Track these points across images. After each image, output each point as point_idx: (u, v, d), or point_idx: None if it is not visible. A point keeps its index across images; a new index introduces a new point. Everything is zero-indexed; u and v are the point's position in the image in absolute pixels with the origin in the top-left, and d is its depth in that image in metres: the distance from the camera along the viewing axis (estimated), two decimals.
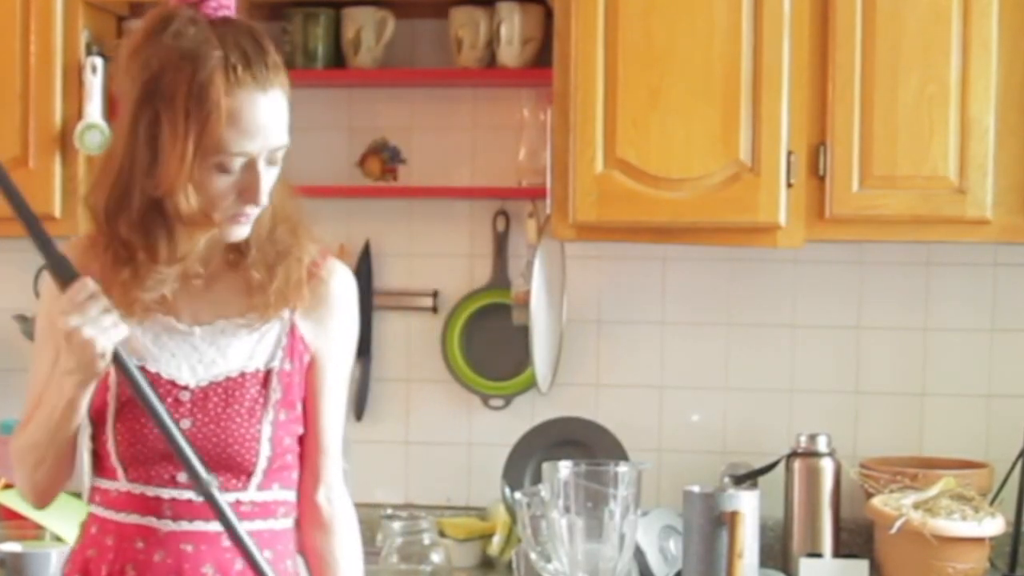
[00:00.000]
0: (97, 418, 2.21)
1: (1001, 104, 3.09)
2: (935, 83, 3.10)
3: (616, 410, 3.55)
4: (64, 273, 2.08)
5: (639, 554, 3.16)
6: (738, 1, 3.11)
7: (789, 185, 3.14)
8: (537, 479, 3.23)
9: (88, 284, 2.06)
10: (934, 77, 3.10)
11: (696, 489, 2.93)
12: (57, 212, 3.37)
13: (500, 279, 3.61)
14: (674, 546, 3.24)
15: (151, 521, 2.19)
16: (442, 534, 3.38)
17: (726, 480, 3.34)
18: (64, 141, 3.37)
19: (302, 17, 3.52)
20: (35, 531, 3.23)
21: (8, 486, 3.35)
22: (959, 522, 3.08)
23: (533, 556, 2.73)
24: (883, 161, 3.12)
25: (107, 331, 2.04)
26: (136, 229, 2.14)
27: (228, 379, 2.21)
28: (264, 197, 2.13)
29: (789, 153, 3.14)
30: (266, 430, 2.21)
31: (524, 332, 3.41)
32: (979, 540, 3.09)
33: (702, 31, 3.12)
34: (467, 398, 3.64)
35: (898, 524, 3.08)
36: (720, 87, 3.12)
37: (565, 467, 2.91)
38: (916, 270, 3.48)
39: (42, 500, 2.26)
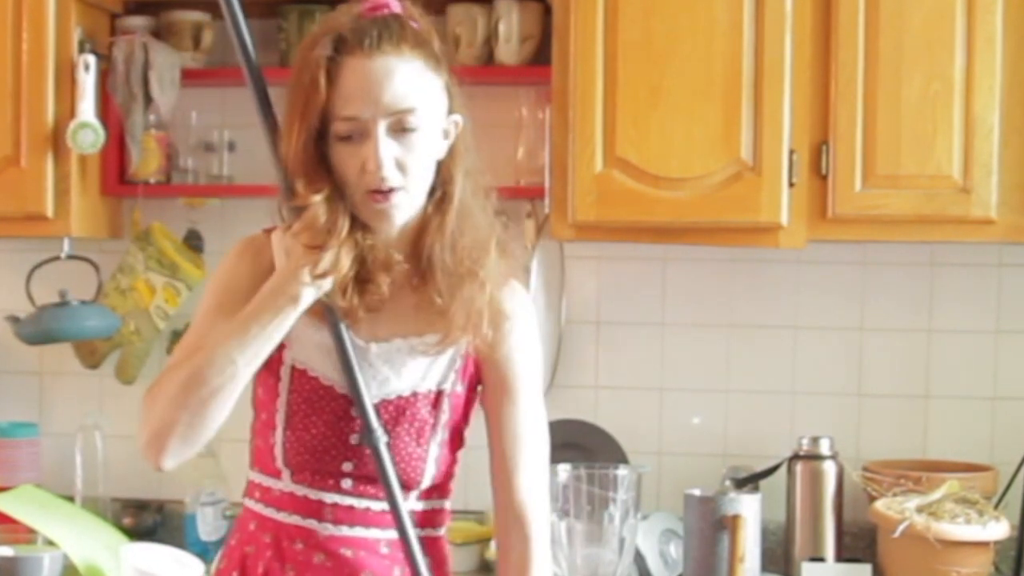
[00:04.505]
0: (266, 418, 2.19)
1: (1006, 102, 3.07)
2: (939, 81, 3.07)
3: (616, 412, 3.53)
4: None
5: (639, 558, 3.15)
6: None
7: (791, 184, 3.11)
8: None
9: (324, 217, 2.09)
10: (938, 75, 3.07)
11: (697, 492, 2.92)
12: (49, 212, 3.34)
13: None
14: (674, 550, 3.22)
15: (312, 523, 2.19)
16: None
17: (727, 483, 3.32)
18: (56, 140, 3.35)
19: (297, 15, 3.51)
20: (27, 535, 3.20)
21: (1, 488, 3.31)
22: (963, 526, 3.06)
23: None
24: (886, 160, 3.09)
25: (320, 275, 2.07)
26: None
27: (400, 398, 2.19)
28: (386, 167, 2.08)
29: (791, 152, 3.11)
30: (433, 450, 2.21)
31: None
32: (983, 544, 3.07)
33: (703, 28, 3.10)
34: None
35: (901, 528, 3.06)
36: (721, 85, 3.10)
37: (564, 470, 2.89)
38: (920, 271, 3.46)
39: (192, 438, 2.09)
